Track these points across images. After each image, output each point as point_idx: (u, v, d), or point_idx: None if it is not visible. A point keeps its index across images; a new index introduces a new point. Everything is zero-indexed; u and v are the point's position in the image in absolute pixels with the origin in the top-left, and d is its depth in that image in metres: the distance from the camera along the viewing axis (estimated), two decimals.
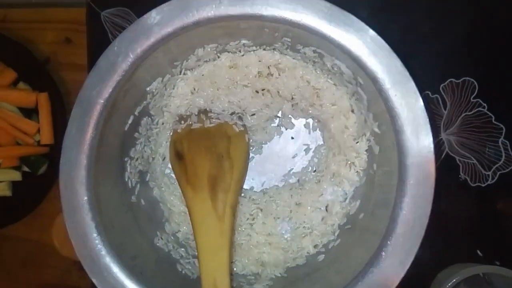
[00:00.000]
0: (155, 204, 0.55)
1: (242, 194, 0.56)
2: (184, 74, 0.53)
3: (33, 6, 0.65)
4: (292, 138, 0.57)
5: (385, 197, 0.46)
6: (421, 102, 0.42)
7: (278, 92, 0.53)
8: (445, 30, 0.57)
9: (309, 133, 0.56)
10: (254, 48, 0.52)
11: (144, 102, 0.51)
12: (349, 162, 0.53)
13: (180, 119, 0.54)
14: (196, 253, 0.46)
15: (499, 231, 0.57)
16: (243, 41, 0.50)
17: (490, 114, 0.57)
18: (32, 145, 0.61)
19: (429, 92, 0.57)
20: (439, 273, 0.56)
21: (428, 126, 0.42)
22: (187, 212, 0.48)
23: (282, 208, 0.55)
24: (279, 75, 0.52)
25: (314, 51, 0.48)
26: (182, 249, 0.53)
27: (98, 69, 0.45)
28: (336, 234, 0.53)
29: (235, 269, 0.53)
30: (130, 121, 0.50)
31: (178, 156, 0.49)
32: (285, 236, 0.55)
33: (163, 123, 0.55)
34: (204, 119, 0.53)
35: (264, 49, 0.52)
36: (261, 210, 0.55)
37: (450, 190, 0.57)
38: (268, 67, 0.52)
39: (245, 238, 0.54)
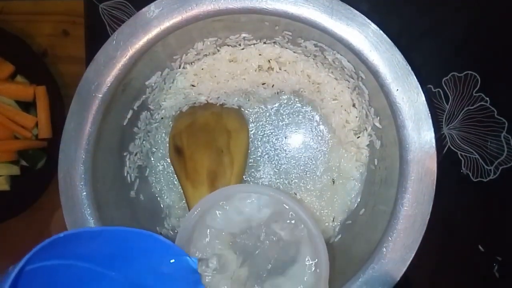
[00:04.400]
0: (155, 199, 0.55)
1: None
2: (184, 68, 0.52)
3: None
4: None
5: (386, 192, 0.46)
6: (422, 97, 0.42)
7: (278, 92, 0.53)
8: (447, 24, 0.57)
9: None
10: (254, 41, 0.51)
11: (143, 96, 0.51)
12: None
13: (180, 114, 0.53)
14: None
15: (501, 226, 0.57)
16: (243, 35, 0.50)
17: (493, 108, 0.56)
18: (30, 139, 0.60)
19: (431, 86, 0.57)
20: None
21: (430, 120, 0.42)
22: (187, 208, 0.48)
23: None
24: (280, 69, 0.52)
25: (315, 45, 0.48)
26: None
27: (96, 63, 0.44)
28: (336, 229, 0.53)
29: None
30: (129, 116, 0.50)
31: (178, 151, 0.49)
32: None
33: (162, 118, 0.54)
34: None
35: (265, 43, 0.51)
36: None
37: (452, 185, 0.57)
38: (269, 61, 0.52)
39: None
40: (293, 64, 0.52)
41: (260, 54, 0.52)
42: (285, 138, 0.55)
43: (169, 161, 0.54)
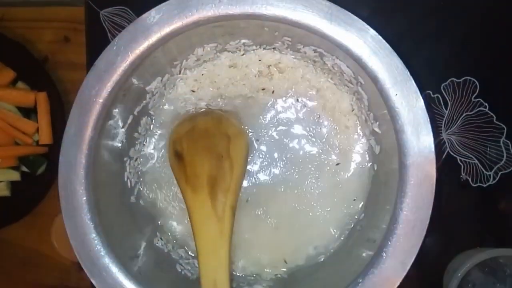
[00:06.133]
0: (155, 204, 0.55)
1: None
2: (184, 73, 0.53)
3: (32, 5, 0.64)
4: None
5: (385, 197, 0.46)
6: (421, 102, 0.42)
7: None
8: (446, 29, 0.57)
9: None
10: (254, 47, 0.51)
11: (144, 101, 0.51)
12: None
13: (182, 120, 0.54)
14: (196, 254, 0.46)
15: (501, 232, 0.57)
16: (243, 41, 0.50)
17: (492, 114, 0.57)
18: (31, 145, 0.60)
19: (430, 92, 0.57)
20: (450, 262, 0.55)
21: (429, 126, 0.42)
22: (187, 212, 0.48)
23: None
24: (280, 75, 0.52)
25: (315, 51, 0.48)
26: (182, 249, 0.53)
27: (97, 69, 0.44)
28: (336, 235, 0.53)
29: (234, 269, 0.53)
30: (129, 121, 0.50)
31: (178, 156, 0.49)
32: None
33: (162, 123, 0.54)
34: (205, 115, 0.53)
35: (264, 49, 0.52)
36: None
37: (451, 191, 0.57)
38: (268, 67, 0.52)
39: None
40: (293, 70, 0.52)
41: (260, 60, 0.52)
42: (284, 142, 0.55)
43: (169, 166, 0.54)
